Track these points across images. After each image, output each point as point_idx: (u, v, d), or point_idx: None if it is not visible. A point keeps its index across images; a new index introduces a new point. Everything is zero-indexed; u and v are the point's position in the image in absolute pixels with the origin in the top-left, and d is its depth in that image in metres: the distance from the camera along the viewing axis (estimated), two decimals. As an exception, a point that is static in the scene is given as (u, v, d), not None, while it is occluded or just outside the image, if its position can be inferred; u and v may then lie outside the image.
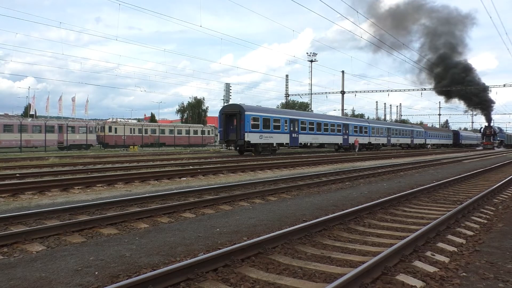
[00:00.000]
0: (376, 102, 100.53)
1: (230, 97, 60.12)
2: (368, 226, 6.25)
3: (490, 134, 65.89)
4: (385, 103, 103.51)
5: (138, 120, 74.36)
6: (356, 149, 37.40)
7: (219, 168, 15.56)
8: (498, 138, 69.43)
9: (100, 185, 10.80)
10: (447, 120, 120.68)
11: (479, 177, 14.36)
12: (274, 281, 3.82)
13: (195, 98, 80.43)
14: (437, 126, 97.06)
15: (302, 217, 6.84)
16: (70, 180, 11.00)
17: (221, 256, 4.14)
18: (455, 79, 59.67)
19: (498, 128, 74.94)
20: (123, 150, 42.12)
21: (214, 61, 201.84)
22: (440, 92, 65.22)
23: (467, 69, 63.53)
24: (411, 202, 8.48)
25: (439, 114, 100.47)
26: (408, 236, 5.03)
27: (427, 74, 64.11)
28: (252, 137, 27.90)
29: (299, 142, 32.88)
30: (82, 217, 6.57)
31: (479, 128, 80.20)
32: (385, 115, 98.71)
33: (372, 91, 59.99)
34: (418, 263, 4.25)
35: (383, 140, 47.43)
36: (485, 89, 63.55)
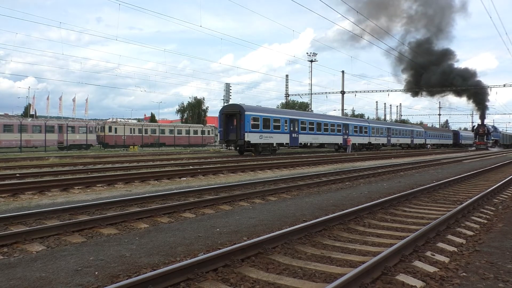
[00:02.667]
0: (376, 102, 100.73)
1: (230, 97, 60.17)
2: (368, 226, 6.25)
3: (483, 133, 60.33)
4: (385, 103, 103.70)
5: (138, 120, 74.39)
6: (348, 150, 37.32)
7: (219, 168, 15.56)
8: (492, 138, 63.51)
9: (100, 185, 10.80)
10: (447, 120, 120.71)
11: (479, 177, 14.36)
12: (274, 281, 3.82)
13: (195, 98, 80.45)
14: (437, 126, 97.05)
15: (302, 217, 6.84)
16: (70, 180, 10.99)
17: (221, 256, 4.14)
18: (426, 65, 53.36)
19: (493, 126, 69.24)
20: (123, 150, 42.12)
21: (214, 61, 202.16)
22: (415, 93, 60.41)
23: (444, 55, 57.38)
24: (411, 202, 8.48)
25: (439, 114, 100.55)
26: (408, 236, 5.03)
27: (400, 64, 58.62)
28: (252, 137, 27.89)
29: (299, 142, 32.87)
30: (82, 217, 6.57)
31: (471, 127, 74.08)
32: (385, 115, 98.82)
33: (372, 91, 60.03)
34: (418, 263, 4.25)
35: (383, 140, 47.43)
36: (469, 75, 57.17)
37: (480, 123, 62.18)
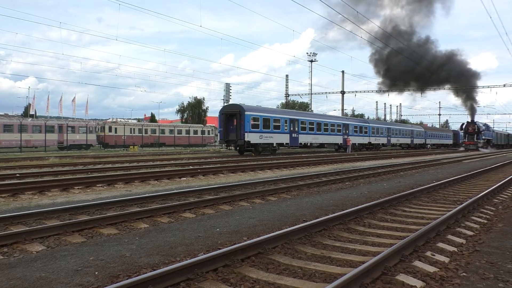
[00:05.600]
0: (376, 102, 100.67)
1: (230, 97, 60.25)
2: (368, 226, 6.25)
3: (473, 131, 53.13)
4: (385, 103, 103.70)
5: (138, 120, 74.39)
6: (348, 150, 37.29)
7: (219, 168, 15.56)
8: (484, 137, 55.54)
9: (100, 185, 10.80)
10: (447, 120, 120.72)
11: (479, 177, 14.36)
12: (274, 281, 3.82)
13: (195, 98, 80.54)
14: (437, 126, 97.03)
15: (302, 217, 6.84)
16: (70, 180, 10.99)
17: (221, 256, 4.14)
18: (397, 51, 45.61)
19: (484, 124, 60.30)
20: (123, 150, 42.13)
21: (215, 61, 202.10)
22: (390, 85, 54.62)
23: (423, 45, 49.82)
24: (411, 202, 8.48)
25: (439, 114, 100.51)
26: (408, 236, 5.03)
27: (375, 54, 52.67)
28: (252, 137, 27.89)
29: (299, 142, 32.88)
30: (82, 217, 6.57)
31: (460, 125, 62.06)
32: (385, 115, 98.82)
33: (372, 91, 60.00)
34: (418, 263, 4.25)
35: (383, 140, 47.43)
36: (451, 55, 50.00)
37: (469, 121, 55.00)
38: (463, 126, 55.54)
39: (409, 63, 46.88)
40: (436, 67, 50.11)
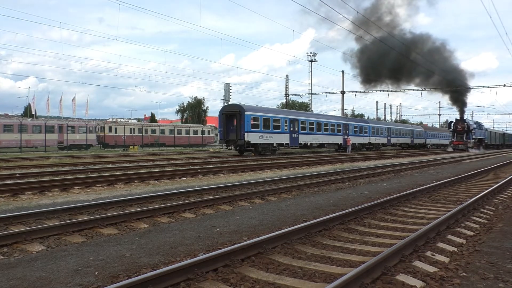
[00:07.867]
0: (376, 102, 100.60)
1: (230, 97, 60.20)
2: (368, 226, 6.25)
3: (462, 130, 47.42)
4: (385, 103, 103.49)
5: (138, 120, 74.42)
6: (348, 150, 37.28)
7: (219, 168, 15.56)
8: (475, 136, 49.12)
9: (100, 185, 10.80)
10: (447, 120, 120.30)
11: (479, 177, 14.36)
12: (274, 281, 3.82)
13: (195, 98, 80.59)
14: (437, 126, 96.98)
15: (302, 217, 6.84)
16: (70, 180, 10.99)
17: (221, 256, 4.14)
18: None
19: (476, 122, 53.68)
20: (123, 150, 42.12)
21: (215, 61, 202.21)
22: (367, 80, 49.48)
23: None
24: (411, 202, 8.48)
25: (439, 114, 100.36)
26: (408, 236, 5.03)
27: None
28: (252, 137, 27.90)
29: (299, 142, 32.89)
30: (82, 217, 6.57)
31: (448, 122, 55.63)
32: (385, 115, 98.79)
33: (372, 91, 59.92)
34: (418, 263, 4.25)
35: (383, 140, 47.44)
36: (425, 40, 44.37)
37: (458, 118, 49.63)
38: (451, 124, 50.05)
39: (386, 51, 42.11)
40: (414, 53, 45.03)
